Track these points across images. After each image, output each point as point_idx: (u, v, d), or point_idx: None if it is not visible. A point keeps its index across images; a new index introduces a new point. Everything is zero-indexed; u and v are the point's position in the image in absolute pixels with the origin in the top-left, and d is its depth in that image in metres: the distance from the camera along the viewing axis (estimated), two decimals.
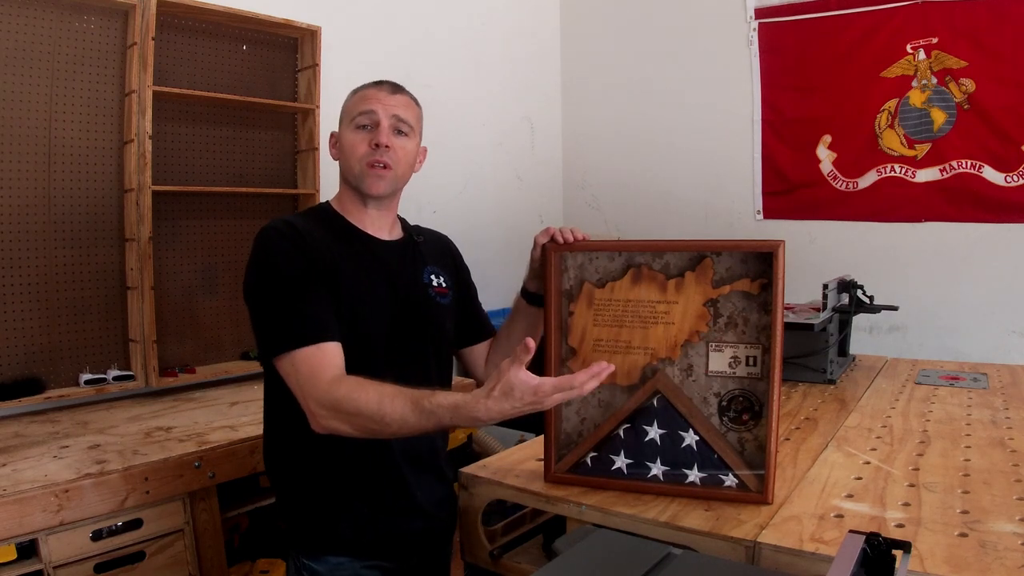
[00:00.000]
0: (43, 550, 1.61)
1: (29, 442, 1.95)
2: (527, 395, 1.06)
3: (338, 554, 1.35)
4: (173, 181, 2.52)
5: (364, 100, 1.38)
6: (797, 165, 3.52)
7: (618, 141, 4.10)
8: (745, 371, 1.24)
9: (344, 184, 1.44)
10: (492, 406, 1.08)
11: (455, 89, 3.60)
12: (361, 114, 1.37)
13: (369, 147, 1.36)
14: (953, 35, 3.08)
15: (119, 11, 2.35)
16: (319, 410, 1.19)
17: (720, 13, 3.66)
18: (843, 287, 2.28)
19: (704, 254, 1.26)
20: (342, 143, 1.40)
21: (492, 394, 1.08)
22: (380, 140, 1.36)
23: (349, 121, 1.39)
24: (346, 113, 1.42)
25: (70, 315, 2.31)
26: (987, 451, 1.44)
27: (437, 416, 1.13)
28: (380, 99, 1.38)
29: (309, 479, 1.35)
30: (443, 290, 1.49)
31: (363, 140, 1.37)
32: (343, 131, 1.41)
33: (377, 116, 1.37)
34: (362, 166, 1.37)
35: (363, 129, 1.37)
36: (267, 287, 1.29)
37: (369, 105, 1.37)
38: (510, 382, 1.06)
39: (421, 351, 1.43)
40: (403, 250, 1.46)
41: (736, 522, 1.13)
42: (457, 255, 1.62)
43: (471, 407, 1.10)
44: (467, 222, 3.62)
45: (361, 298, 1.34)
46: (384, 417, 1.15)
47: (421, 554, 1.46)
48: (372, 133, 1.37)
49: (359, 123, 1.38)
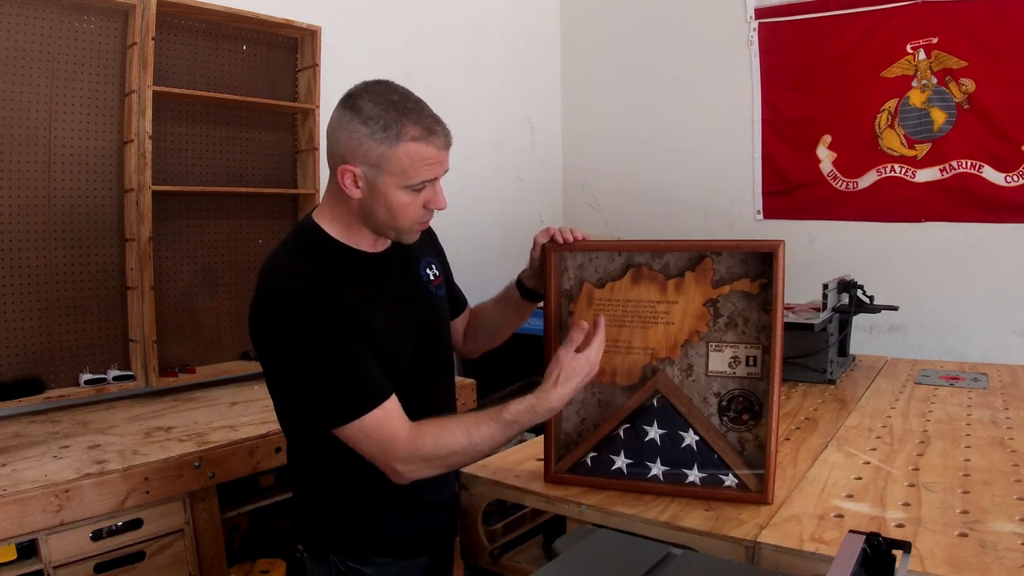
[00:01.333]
0: (43, 550, 1.61)
1: (29, 442, 1.95)
2: (586, 368, 1.22)
3: (383, 555, 1.34)
4: (173, 181, 2.52)
5: (426, 165, 1.22)
6: (797, 165, 3.52)
7: (618, 141, 4.10)
8: (745, 371, 1.24)
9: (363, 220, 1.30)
10: (563, 392, 1.22)
11: (455, 89, 3.60)
12: (424, 181, 1.24)
13: (424, 209, 1.27)
14: (953, 35, 3.07)
15: (119, 11, 2.35)
16: (406, 467, 1.21)
17: (720, 13, 3.66)
18: (843, 287, 2.28)
19: (704, 254, 1.26)
20: (389, 200, 1.23)
21: (558, 381, 1.21)
22: (441, 207, 1.28)
23: (403, 183, 1.22)
24: (395, 166, 1.21)
25: (70, 315, 2.31)
26: (987, 451, 1.44)
27: (519, 423, 1.22)
28: (440, 161, 1.25)
29: (346, 484, 1.31)
30: (438, 280, 1.47)
31: (417, 202, 1.25)
32: (390, 188, 1.22)
33: (436, 180, 1.26)
34: (413, 226, 1.29)
35: (417, 191, 1.25)
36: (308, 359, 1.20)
37: (433, 173, 1.24)
38: (571, 366, 1.21)
39: (435, 352, 1.42)
40: (400, 255, 1.42)
41: (736, 522, 1.13)
42: (434, 235, 1.55)
43: (544, 401, 1.21)
44: (467, 222, 3.62)
45: (391, 332, 1.30)
46: (477, 446, 1.22)
47: (449, 547, 1.47)
48: (426, 194, 1.26)
49: (416, 188, 1.24)
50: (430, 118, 1.25)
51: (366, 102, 1.22)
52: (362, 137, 1.20)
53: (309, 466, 1.36)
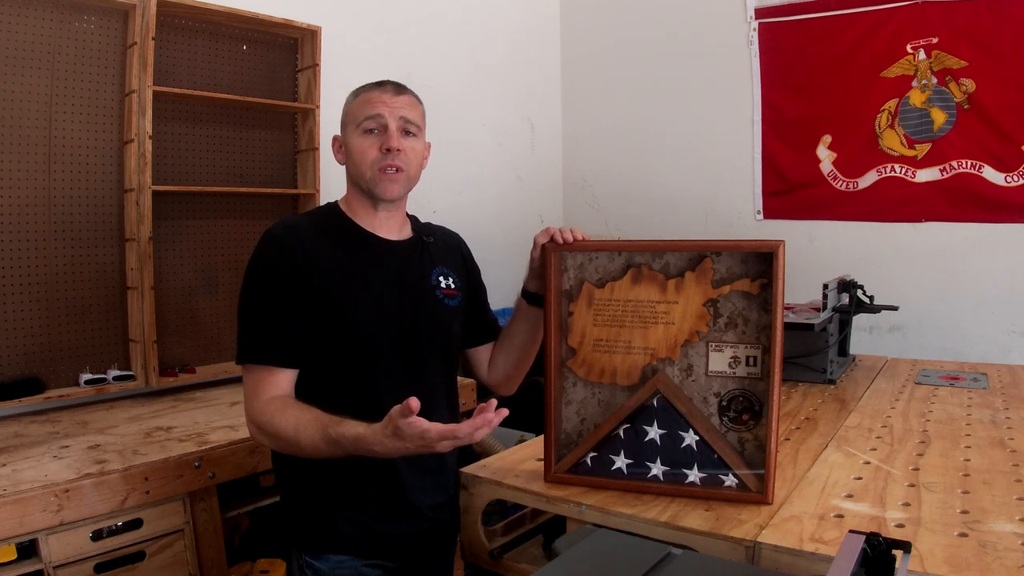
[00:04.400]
0: (43, 550, 1.61)
1: (29, 442, 1.95)
2: (415, 439, 1.11)
3: (339, 552, 1.35)
4: (173, 181, 2.52)
5: (369, 104, 1.35)
6: (797, 165, 3.52)
7: (618, 141, 4.10)
8: (745, 371, 1.24)
9: (353, 187, 1.42)
10: (387, 443, 1.13)
11: (455, 89, 3.60)
12: (368, 118, 1.35)
13: (380, 152, 1.35)
14: (953, 35, 3.07)
15: (119, 11, 2.35)
16: (249, 425, 1.31)
17: (720, 13, 3.66)
18: (843, 287, 2.28)
19: (704, 254, 1.26)
20: (350, 149, 1.38)
21: (386, 432, 1.13)
22: (391, 144, 1.34)
23: (355, 126, 1.36)
24: (350, 117, 1.38)
25: (70, 315, 2.31)
26: (987, 451, 1.44)
27: (342, 445, 1.19)
28: (386, 101, 1.35)
29: (311, 478, 1.35)
30: (452, 291, 1.47)
31: (372, 145, 1.35)
32: (349, 136, 1.37)
33: (385, 119, 1.35)
34: (374, 171, 1.35)
35: (371, 133, 1.35)
36: (248, 294, 1.33)
37: (376, 109, 1.35)
38: (399, 427, 1.10)
39: (426, 354, 1.42)
40: (412, 251, 1.45)
41: (736, 522, 1.13)
42: (467, 254, 1.60)
43: (369, 441, 1.15)
44: (467, 222, 3.59)
45: (365, 301, 1.34)
46: (299, 442, 1.23)
47: (422, 555, 1.46)
48: (381, 137, 1.35)
49: (366, 127, 1.35)
50: (390, 80, 1.41)
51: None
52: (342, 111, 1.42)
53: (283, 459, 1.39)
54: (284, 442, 1.25)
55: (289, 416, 1.24)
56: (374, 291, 1.36)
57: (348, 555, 1.36)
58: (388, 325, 1.36)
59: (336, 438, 1.18)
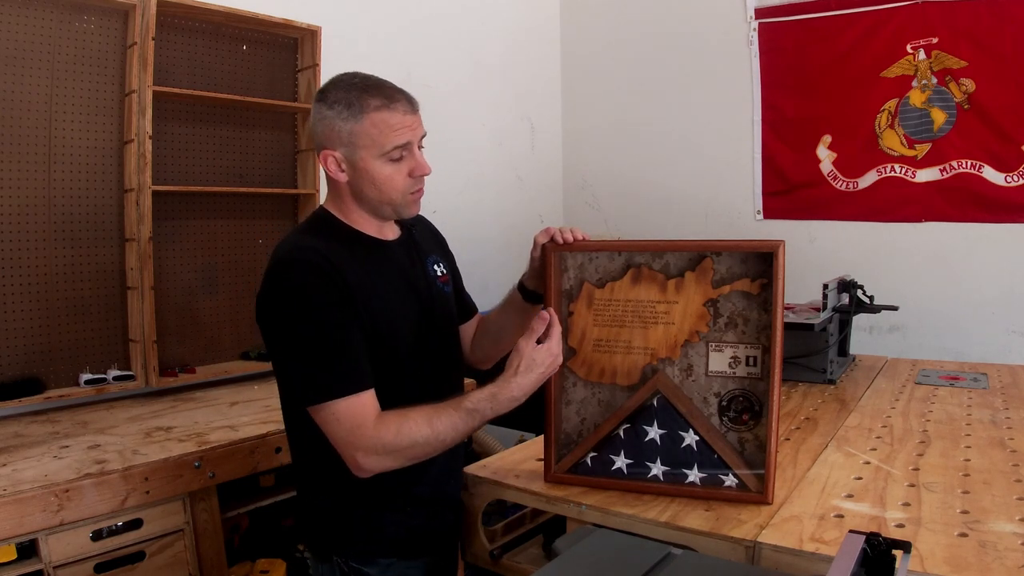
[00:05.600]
0: (43, 550, 1.61)
1: (29, 442, 1.95)
2: (547, 359, 1.21)
3: (388, 556, 1.35)
4: (173, 181, 2.52)
5: (393, 130, 1.28)
6: (797, 165, 3.52)
7: (618, 141, 4.10)
8: (745, 371, 1.24)
9: (359, 203, 1.35)
10: (523, 382, 1.20)
11: (455, 89, 3.60)
12: (396, 148, 1.28)
13: (409, 177, 1.31)
14: (953, 35, 3.07)
15: (119, 11, 2.35)
16: (367, 458, 1.21)
17: (720, 13, 3.65)
18: (843, 287, 2.28)
19: (704, 254, 1.26)
20: (373, 175, 1.30)
21: (519, 370, 1.20)
22: (427, 171, 1.32)
23: (379, 153, 1.28)
24: (367, 140, 1.28)
25: (70, 315, 2.31)
26: (987, 451, 1.44)
27: (480, 411, 1.22)
28: (408, 125, 1.29)
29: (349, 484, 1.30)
30: (445, 278, 1.49)
31: (399, 171, 1.30)
32: (371, 162, 1.29)
33: (412, 146, 1.30)
34: (404, 197, 1.32)
35: (397, 160, 1.30)
36: (306, 328, 1.23)
37: (403, 137, 1.28)
38: (531, 356, 1.20)
39: (441, 344, 1.43)
40: (407, 247, 1.45)
41: (736, 522, 1.13)
42: (441, 236, 1.60)
43: (506, 390, 1.20)
44: (467, 222, 3.62)
45: (388, 306, 1.32)
46: (439, 436, 1.21)
47: (453, 547, 1.47)
48: (409, 162, 1.30)
49: (394, 157, 1.29)
50: (390, 88, 1.31)
51: (331, 90, 1.30)
52: (332, 121, 1.29)
53: (312, 466, 1.36)
54: (420, 446, 1.21)
55: (412, 420, 1.21)
56: (392, 295, 1.35)
57: (396, 557, 1.36)
58: (408, 324, 1.36)
59: (474, 407, 1.21)
